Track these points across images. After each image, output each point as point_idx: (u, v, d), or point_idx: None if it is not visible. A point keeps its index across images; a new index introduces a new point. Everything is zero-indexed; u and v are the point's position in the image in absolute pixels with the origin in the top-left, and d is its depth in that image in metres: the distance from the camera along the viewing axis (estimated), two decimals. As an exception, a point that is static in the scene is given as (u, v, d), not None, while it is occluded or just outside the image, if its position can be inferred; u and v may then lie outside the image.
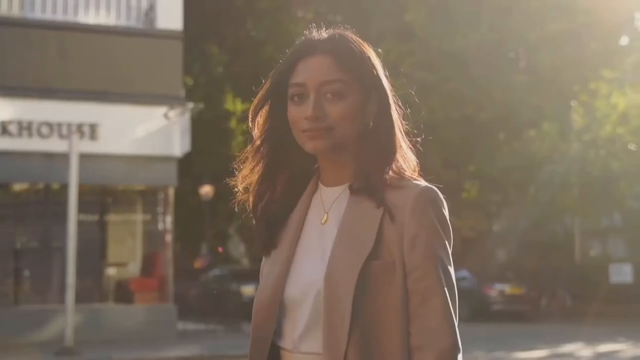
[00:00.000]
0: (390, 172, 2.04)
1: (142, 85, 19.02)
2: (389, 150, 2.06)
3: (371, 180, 2.02)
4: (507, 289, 25.20)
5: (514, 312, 24.89)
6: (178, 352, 16.29)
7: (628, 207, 27.05)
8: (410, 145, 2.14)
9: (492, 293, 25.11)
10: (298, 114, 2.03)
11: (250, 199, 2.17)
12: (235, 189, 2.19)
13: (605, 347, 17.14)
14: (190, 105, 20.06)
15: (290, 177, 2.15)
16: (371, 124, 2.06)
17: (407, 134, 2.14)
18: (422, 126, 2.21)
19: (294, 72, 2.06)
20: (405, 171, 2.07)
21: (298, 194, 2.15)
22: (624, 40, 30.77)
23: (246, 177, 2.17)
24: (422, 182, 2.05)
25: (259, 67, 23.28)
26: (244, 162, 2.18)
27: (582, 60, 27.89)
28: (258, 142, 2.14)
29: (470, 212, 30.21)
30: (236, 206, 2.20)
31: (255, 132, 2.15)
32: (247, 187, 2.17)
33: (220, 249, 20.51)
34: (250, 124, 2.15)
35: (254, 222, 2.18)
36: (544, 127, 26.34)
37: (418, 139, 2.19)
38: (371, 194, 2.01)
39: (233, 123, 29.48)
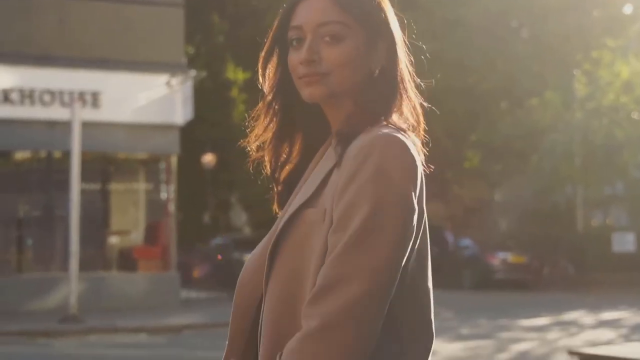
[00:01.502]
0: (384, 123, 1.85)
1: (143, 53, 18.94)
2: (388, 100, 1.90)
3: (352, 128, 1.84)
4: (510, 257, 25.22)
5: (517, 280, 24.92)
6: (181, 320, 16.32)
7: (631, 176, 27.00)
8: (421, 99, 1.98)
9: (494, 262, 25.13)
10: (295, 59, 1.90)
11: (266, 157, 2.02)
12: (248, 149, 2.04)
13: (608, 315, 17.17)
14: (193, 73, 19.99)
15: (308, 134, 2.01)
16: (377, 72, 1.90)
17: (421, 92, 2.00)
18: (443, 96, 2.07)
19: (293, 15, 1.93)
20: (403, 124, 1.87)
21: (316, 151, 2.00)
22: (628, 9, 30.58)
23: (259, 135, 2.01)
24: (392, 130, 1.81)
25: (260, 35, 23.04)
26: (256, 120, 2.02)
27: (586, 29, 27.74)
28: (269, 97, 1.99)
29: (472, 181, 30.21)
30: (251, 166, 2.05)
31: (266, 86, 2.00)
32: (261, 146, 2.02)
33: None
34: (260, 78, 2.01)
35: (273, 184, 2.04)
36: (546, 96, 26.23)
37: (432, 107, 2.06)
38: (340, 141, 1.83)
39: (234, 92, 29.37)
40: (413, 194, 1.74)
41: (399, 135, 1.78)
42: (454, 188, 30.18)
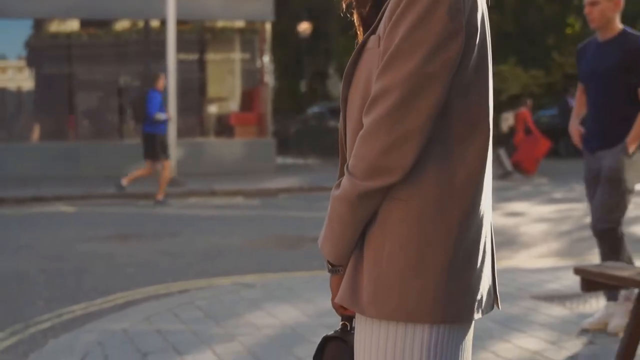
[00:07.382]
0: None
1: None
2: None
3: None
4: (608, 125, 24.74)
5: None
6: (277, 184, 16.62)
7: None
8: None
9: (591, 129, 24.70)
10: None
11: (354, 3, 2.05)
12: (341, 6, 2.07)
13: None
14: (286, -62, 19.79)
15: None
16: None
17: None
18: None
19: None
20: None
21: None
22: None
23: None
24: None
25: None
26: None
27: None
28: None
29: (574, 48, 29.46)
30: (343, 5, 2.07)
31: None
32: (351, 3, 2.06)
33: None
34: None
35: (359, 23, 2.07)
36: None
37: None
38: None
39: (331, -41, 29.00)
40: (450, 14, 1.80)
41: None
42: (554, 55, 29.51)
